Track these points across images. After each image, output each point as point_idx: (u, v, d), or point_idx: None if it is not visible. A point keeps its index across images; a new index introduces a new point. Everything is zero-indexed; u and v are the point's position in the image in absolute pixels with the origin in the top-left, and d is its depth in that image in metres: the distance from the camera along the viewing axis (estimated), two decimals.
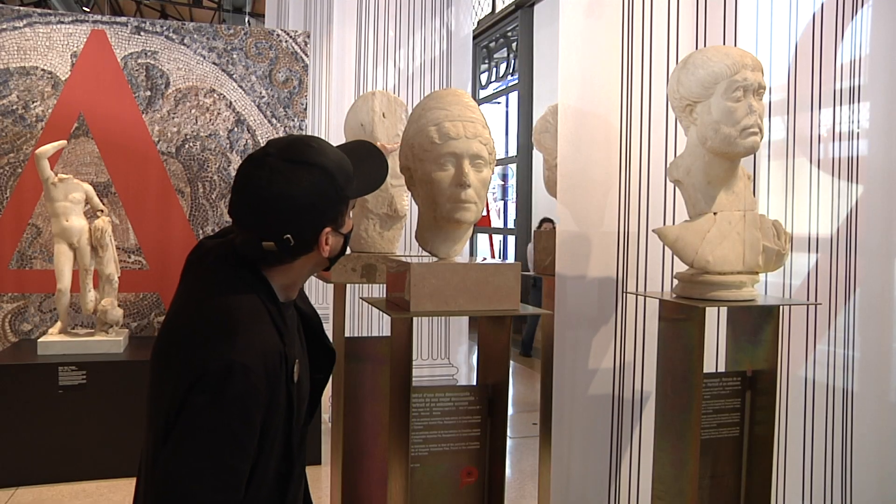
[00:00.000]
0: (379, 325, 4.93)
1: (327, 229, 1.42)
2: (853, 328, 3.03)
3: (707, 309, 2.35)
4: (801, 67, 2.97)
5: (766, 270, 2.41)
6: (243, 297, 1.38)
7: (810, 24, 2.97)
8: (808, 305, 2.97)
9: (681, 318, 2.43)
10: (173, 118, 5.21)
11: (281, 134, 5.44)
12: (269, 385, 1.32)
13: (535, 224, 8.01)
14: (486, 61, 10.36)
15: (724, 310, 2.74)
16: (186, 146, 5.25)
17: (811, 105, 2.99)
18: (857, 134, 3.04)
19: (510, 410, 6.72)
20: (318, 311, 1.70)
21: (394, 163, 2.54)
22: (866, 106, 3.04)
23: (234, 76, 5.33)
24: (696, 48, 2.74)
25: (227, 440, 1.27)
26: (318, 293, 5.84)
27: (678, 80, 2.34)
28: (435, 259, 2.21)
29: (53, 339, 4.58)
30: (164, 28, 5.25)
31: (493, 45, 10.03)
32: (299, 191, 1.38)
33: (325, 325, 1.72)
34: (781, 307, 2.53)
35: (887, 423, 3.04)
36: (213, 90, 5.29)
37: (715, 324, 2.80)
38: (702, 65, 2.28)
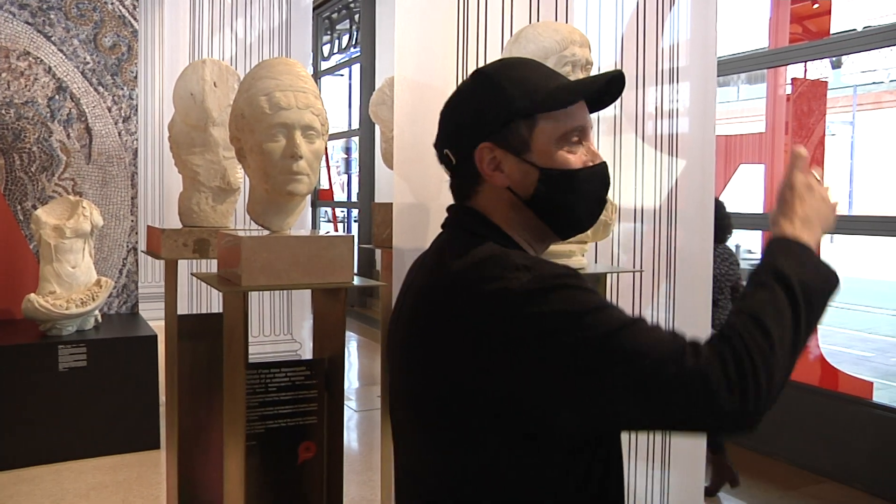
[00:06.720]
0: (217, 301, 4.75)
1: (484, 144, 1.27)
2: (673, 296, 3.24)
3: None
4: (627, 48, 3.11)
5: (593, 240, 2.52)
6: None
7: (635, 10, 3.12)
8: (633, 273, 3.14)
9: None
10: None
11: (109, 103, 5.10)
12: None
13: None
14: (329, 32, 10.18)
15: None
16: None
17: (636, 84, 3.14)
18: (678, 112, 3.24)
19: (355, 384, 6.72)
20: (150, 289, 1.51)
21: (225, 134, 2.44)
22: (686, 86, 3.24)
23: (52, 39, 4.92)
24: (529, 23, 2.81)
25: None
26: (149, 271, 5.55)
27: (510, 54, 2.39)
28: (267, 232, 2.15)
29: None
30: None
31: (335, 16, 9.86)
32: (458, 98, 1.33)
33: (158, 303, 1.57)
34: (609, 275, 2.66)
35: None
36: (28, 53, 4.86)
37: None
38: (533, 39, 2.33)
